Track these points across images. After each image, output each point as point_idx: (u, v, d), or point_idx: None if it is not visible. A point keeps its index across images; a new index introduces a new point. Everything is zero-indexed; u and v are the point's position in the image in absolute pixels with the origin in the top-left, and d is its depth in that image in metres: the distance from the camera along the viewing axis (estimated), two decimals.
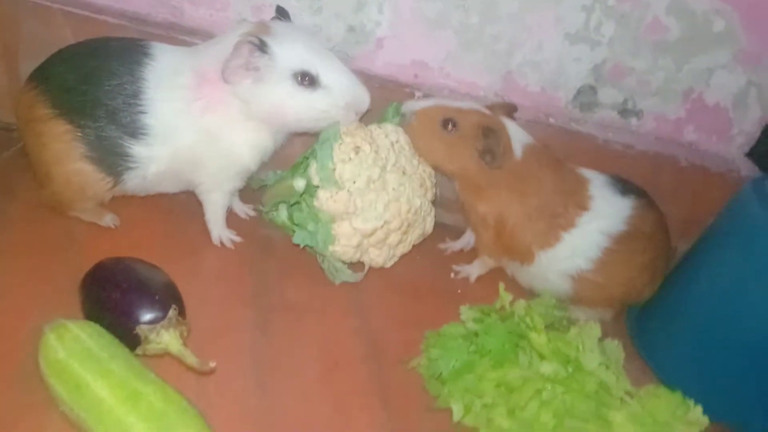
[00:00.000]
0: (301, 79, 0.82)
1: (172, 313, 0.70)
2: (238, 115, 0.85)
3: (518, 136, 0.94)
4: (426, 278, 1.02)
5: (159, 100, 0.83)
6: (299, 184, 0.87)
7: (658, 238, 0.97)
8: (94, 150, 0.84)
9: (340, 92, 0.84)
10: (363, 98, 0.87)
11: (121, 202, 0.93)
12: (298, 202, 0.89)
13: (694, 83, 1.09)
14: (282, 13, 0.89)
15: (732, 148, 1.15)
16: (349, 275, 0.93)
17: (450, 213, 1.11)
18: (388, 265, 0.99)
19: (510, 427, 0.70)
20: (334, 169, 0.86)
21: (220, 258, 0.93)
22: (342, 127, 0.87)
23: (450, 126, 0.92)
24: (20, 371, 0.67)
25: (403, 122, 0.96)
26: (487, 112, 0.94)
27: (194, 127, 0.85)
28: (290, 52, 0.82)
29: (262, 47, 0.80)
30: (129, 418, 0.59)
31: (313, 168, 0.87)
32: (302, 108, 0.84)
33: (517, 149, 0.93)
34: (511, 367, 0.72)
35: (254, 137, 0.88)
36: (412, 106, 0.95)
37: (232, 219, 1.00)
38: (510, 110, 0.98)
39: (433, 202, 1.00)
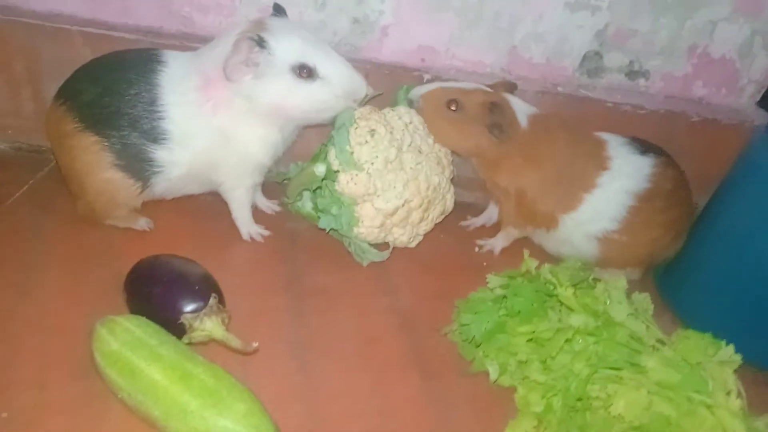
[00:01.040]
0: (299, 71, 0.85)
1: (212, 301, 0.74)
2: (244, 112, 0.88)
3: (521, 108, 0.96)
4: (451, 255, 1.05)
5: (173, 104, 0.87)
6: (320, 169, 0.90)
7: (680, 194, 0.99)
8: (121, 158, 0.88)
9: (338, 82, 0.87)
10: (360, 86, 0.89)
11: (152, 207, 0.97)
12: (319, 188, 0.92)
13: (697, 38, 1.10)
14: (279, 10, 0.92)
15: (742, 98, 1.16)
16: (375, 254, 0.96)
17: (469, 191, 1.14)
18: (413, 244, 1.02)
19: (546, 381, 0.72)
20: (352, 153, 0.89)
21: (251, 251, 0.97)
22: (356, 112, 0.90)
23: (455, 107, 0.95)
24: (78, 366, 0.71)
25: (413, 108, 0.99)
26: (488, 89, 0.97)
27: (208, 128, 0.88)
28: (288, 46, 0.84)
29: (260, 43, 0.83)
30: (183, 397, 0.62)
31: (332, 153, 0.90)
32: (303, 100, 0.86)
33: (522, 120, 0.95)
34: (541, 322, 0.75)
35: (263, 133, 0.90)
36: (416, 91, 0.98)
37: (258, 215, 1.03)
38: (510, 88, 1.00)
39: (452, 180, 1.02)
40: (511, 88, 1.00)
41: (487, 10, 1.06)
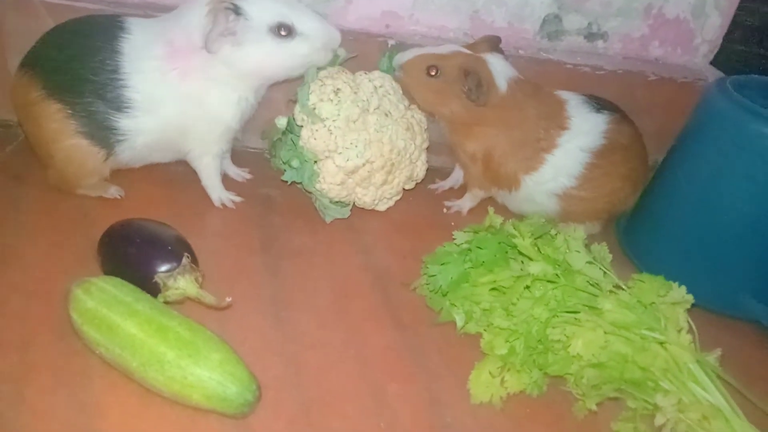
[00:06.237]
0: (278, 30, 0.87)
1: (185, 260, 0.76)
2: (215, 77, 0.89)
3: (502, 70, 0.97)
4: (421, 217, 1.08)
5: (137, 72, 0.87)
6: (281, 122, 0.93)
7: (635, 148, 1.02)
8: (85, 125, 0.88)
9: (316, 35, 0.89)
10: (336, 36, 0.92)
11: (122, 176, 0.98)
12: (280, 140, 0.95)
13: None
14: None
15: (697, 58, 1.20)
16: (336, 211, 0.99)
17: (437, 156, 1.16)
18: (381, 207, 1.04)
19: (508, 326, 0.76)
20: (314, 108, 0.91)
21: (224, 217, 0.99)
22: (322, 71, 0.93)
23: (434, 72, 0.96)
24: (59, 327, 0.73)
25: (396, 78, 1.00)
26: (468, 51, 0.98)
27: (175, 96, 0.89)
28: (262, 8, 0.86)
29: (236, 10, 0.84)
30: (160, 348, 0.64)
31: (296, 108, 0.93)
32: (286, 58, 0.89)
33: (502, 83, 0.96)
34: (502, 272, 0.78)
35: (233, 96, 0.92)
36: (398, 60, 0.99)
37: (229, 183, 1.05)
38: (494, 43, 1.01)
39: (428, 149, 1.04)
40: (495, 43, 1.00)
41: None
